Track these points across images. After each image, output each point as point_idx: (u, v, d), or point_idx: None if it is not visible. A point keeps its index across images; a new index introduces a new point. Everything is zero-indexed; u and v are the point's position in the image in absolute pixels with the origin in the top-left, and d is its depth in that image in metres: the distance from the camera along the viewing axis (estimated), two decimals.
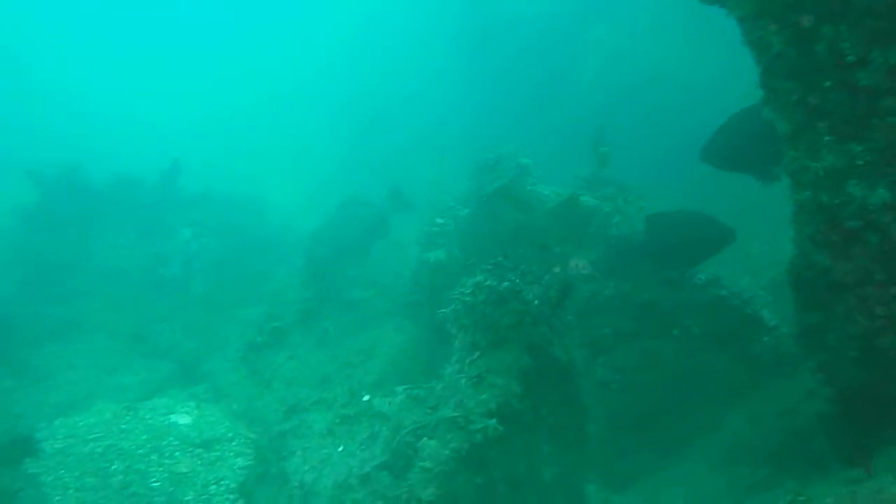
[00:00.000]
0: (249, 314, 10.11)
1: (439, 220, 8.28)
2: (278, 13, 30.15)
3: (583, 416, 5.93)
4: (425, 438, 4.63)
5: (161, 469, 6.64)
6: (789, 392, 6.44)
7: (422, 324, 8.52)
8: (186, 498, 6.33)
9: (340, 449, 6.49)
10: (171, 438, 7.20)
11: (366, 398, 7.11)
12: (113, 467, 6.51)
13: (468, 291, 4.87)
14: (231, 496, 6.41)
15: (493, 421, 4.43)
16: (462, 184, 9.10)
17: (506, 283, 4.81)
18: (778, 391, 6.61)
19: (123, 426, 7.31)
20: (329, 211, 11.25)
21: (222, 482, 6.62)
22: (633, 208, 8.02)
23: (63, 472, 6.27)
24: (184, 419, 7.69)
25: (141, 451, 6.86)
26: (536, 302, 5.00)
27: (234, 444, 7.34)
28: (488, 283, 4.81)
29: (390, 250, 10.99)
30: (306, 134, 18.39)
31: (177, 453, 6.98)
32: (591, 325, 7.34)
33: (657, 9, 11.72)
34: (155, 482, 6.43)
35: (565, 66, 12.57)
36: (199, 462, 6.90)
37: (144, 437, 7.13)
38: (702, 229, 6.30)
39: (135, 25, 31.86)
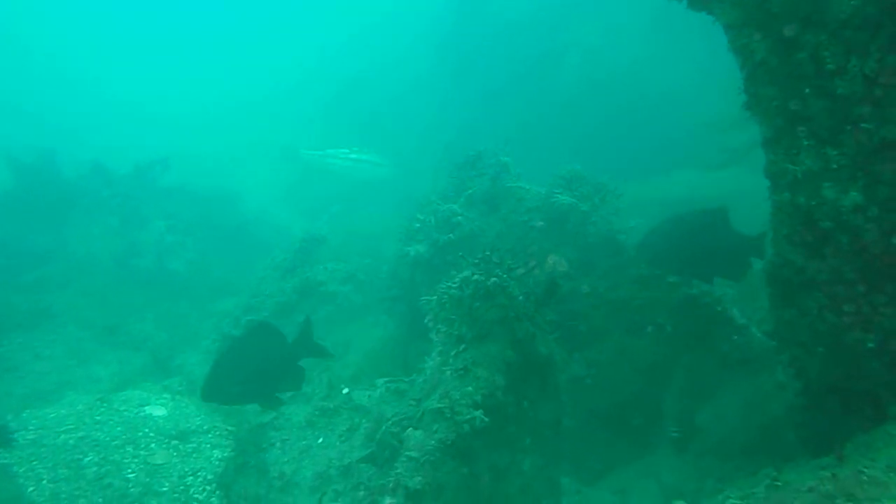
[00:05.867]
0: (225, 307, 10.02)
1: (420, 216, 8.27)
2: (264, 9, 29.83)
3: (560, 409, 6.07)
4: (410, 429, 4.69)
5: (136, 460, 6.55)
6: (756, 389, 6.68)
7: (399, 319, 8.55)
8: (163, 489, 6.27)
9: (320, 441, 6.52)
10: (146, 430, 7.11)
11: (345, 391, 7.14)
12: (87, 459, 6.40)
13: (455, 285, 4.94)
14: (208, 487, 6.36)
15: (479, 412, 4.52)
16: (443, 180, 9.14)
17: (493, 279, 4.89)
18: (745, 388, 6.84)
19: (97, 417, 7.18)
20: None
21: (199, 473, 6.57)
22: (609, 207, 8.16)
23: (36, 463, 6.16)
24: (158, 411, 7.60)
25: (115, 442, 6.76)
26: (521, 298, 5.10)
27: (210, 436, 7.28)
28: (476, 277, 4.88)
29: (363, 243, 11.03)
30: (286, 129, 18.28)
31: (152, 445, 6.89)
32: (567, 322, 7.48)
33: (639, 10, 11.97)
34: (130, 473, 6.35)
35: (546, 66, 12.73)
36: (175, 454, 6.84)
37: (119, 429, 7.02)
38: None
39: (125, 18, 31.18)
